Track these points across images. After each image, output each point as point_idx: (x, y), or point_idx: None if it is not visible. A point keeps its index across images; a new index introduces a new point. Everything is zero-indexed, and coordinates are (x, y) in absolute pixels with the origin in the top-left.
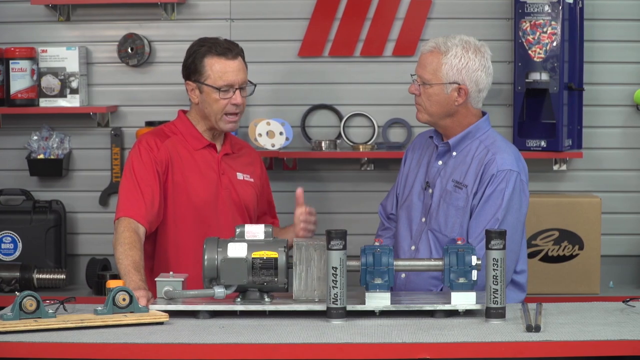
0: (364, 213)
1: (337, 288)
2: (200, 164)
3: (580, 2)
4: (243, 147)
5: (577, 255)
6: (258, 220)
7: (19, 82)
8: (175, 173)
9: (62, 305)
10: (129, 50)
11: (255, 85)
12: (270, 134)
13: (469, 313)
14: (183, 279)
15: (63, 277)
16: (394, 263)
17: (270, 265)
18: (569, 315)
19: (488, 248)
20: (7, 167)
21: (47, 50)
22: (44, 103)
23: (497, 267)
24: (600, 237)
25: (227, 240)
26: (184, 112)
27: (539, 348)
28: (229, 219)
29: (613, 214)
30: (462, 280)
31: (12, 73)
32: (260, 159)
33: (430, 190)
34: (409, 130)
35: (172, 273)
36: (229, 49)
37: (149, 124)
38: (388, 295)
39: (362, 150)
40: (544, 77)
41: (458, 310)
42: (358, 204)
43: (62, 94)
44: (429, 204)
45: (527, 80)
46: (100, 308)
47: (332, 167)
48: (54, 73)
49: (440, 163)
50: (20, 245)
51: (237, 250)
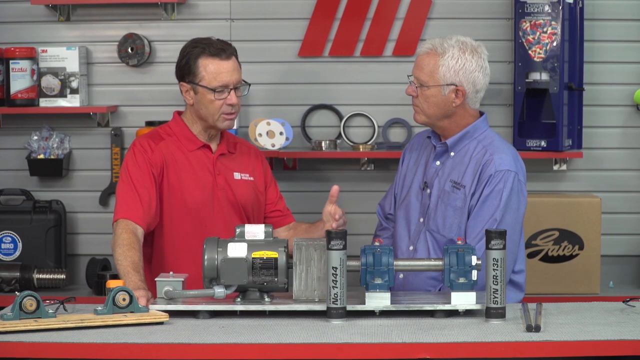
0: (364, 213)
1: (337, 288)
2: (195, 166)
3: (580, 2)
4: (241, 145)
5: (577, 255)
6: (268, 217)
7: (19, 82)
8: (170, 175)
9: (62, 305)
10: (129, 50)
11: (250, 85)
12: (271, 134)
13: (469, 313)
14: (183, 279)
15: (63, 277)
16: (394, 263)
17: (270, 265)
18: (569, 315)
19: (488, 248)
20: (7, 167)
21: (47, 50)
22: (44, 103)
23: (497, 267)
24: (600, 237)
25: (227, 240)
26: (179, 113)
27: (539, 348)
28: (226, 220)
29: (613, 214)
30: (462, 280)
31: (12, 73)
32: (261, 154)
33: (428, 191)
34: (409, 130)
35: (172, 273)
36: (223, 49)
37: (149, 124)
38: (388, 295)
39: (362, 150)
40: (544, 77)
41: (458, 310)
42: (358, 204)
43: (62, 94)
44: (427, 204)
45: (527, 80)
46: (100, 308)
47: (332, 167)
48: (54, 73)
49: (438, 163)
50: (20, 245)
51: (237, 250)
